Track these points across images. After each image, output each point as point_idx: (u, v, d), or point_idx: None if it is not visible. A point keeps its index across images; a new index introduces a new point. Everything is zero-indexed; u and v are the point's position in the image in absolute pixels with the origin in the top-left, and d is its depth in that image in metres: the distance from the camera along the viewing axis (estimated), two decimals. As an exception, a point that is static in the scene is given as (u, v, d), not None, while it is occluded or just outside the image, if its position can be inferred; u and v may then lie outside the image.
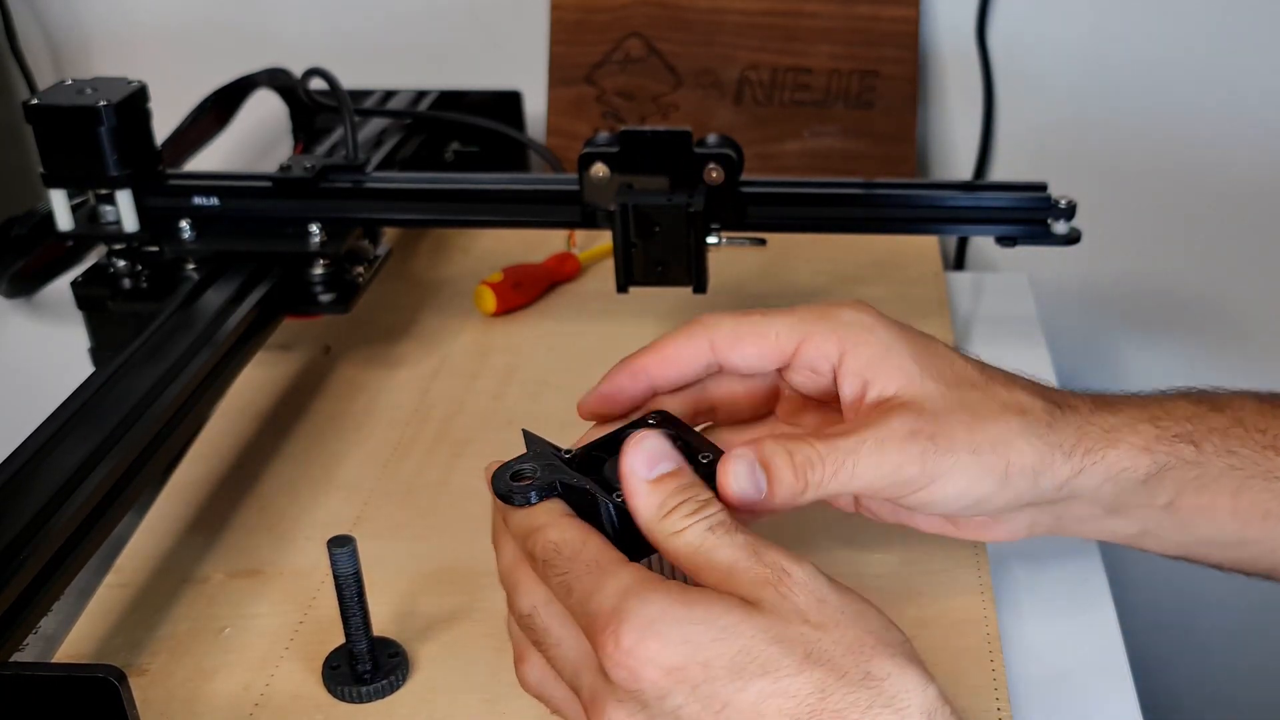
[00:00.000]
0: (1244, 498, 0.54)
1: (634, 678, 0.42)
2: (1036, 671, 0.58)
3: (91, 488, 0.57)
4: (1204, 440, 0.54)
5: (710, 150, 0.73)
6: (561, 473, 0.48)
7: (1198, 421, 0.54)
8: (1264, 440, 0.54)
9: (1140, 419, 0.54)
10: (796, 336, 0.52)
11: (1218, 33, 0.95)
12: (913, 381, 0.51)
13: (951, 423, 0.50)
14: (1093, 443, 0.52)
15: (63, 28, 1.09)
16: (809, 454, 0.48)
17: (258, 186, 0.78)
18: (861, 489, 0.50)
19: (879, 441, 0.49)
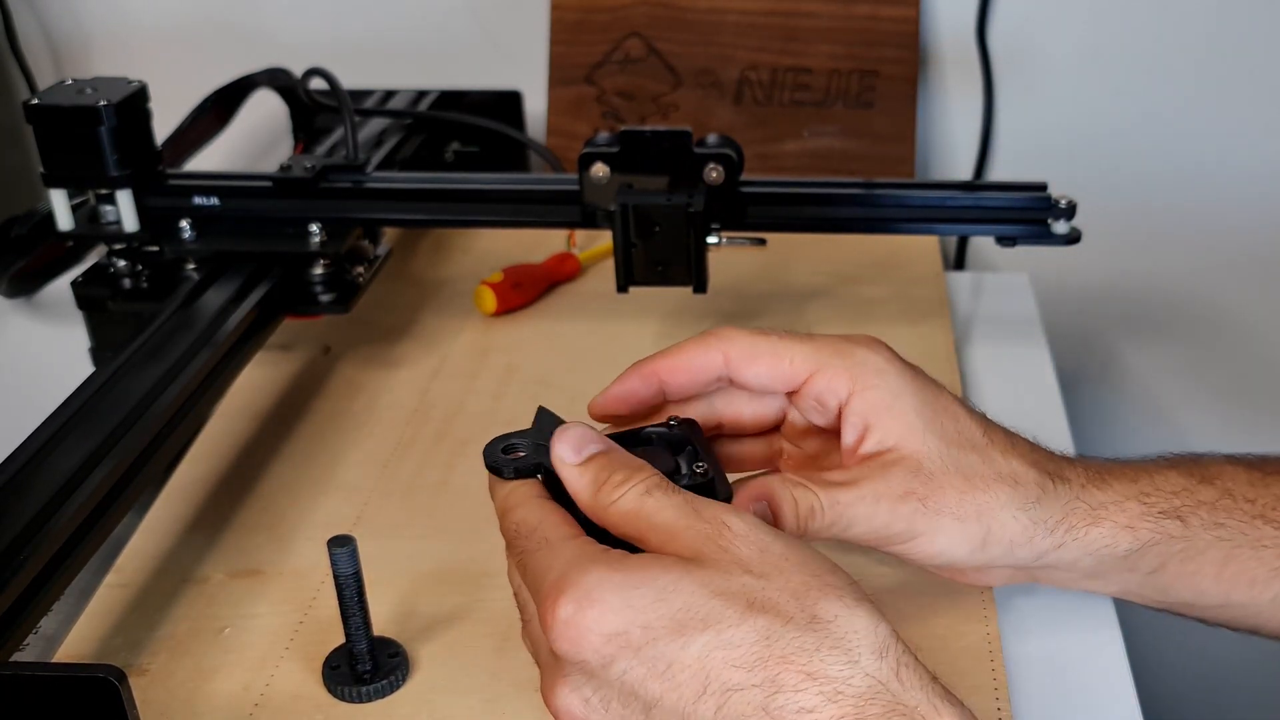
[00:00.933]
0: (1230, 567, 0.55)
1: (576, 648, 0.42)
2: (1036, 671, 0.58)
3: (91, 488, 0.57)
4: (1191, 515, 0.54)
5: (710, 150, 0.73)
6: (548, 455, 0.48)
7: (1186, 496, 0.55)
8: (1252, 510, 0.55)
9: (1129, 496, 0.54)
10: (810, 366, 0.53)
11: (1218, 33, 0.95)
12: (914, 435, 0.52)
13: (944, 485, 0.51)
14: (1077, 520, 0.53)
15: (63, 28, 1.09)
16: (812, 503, 0.50)
17: (258, 186, 0.78)
18: (850, 537, 0.51)
19: (875, 497, 0.50)
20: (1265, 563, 0.55)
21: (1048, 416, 0.76)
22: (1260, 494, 0.55)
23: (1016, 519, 0.52)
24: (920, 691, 0.41)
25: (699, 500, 0.45)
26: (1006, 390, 0.78)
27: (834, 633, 0.42)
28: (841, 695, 0.41)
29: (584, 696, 0.43)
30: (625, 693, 0.43)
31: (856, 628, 0.42)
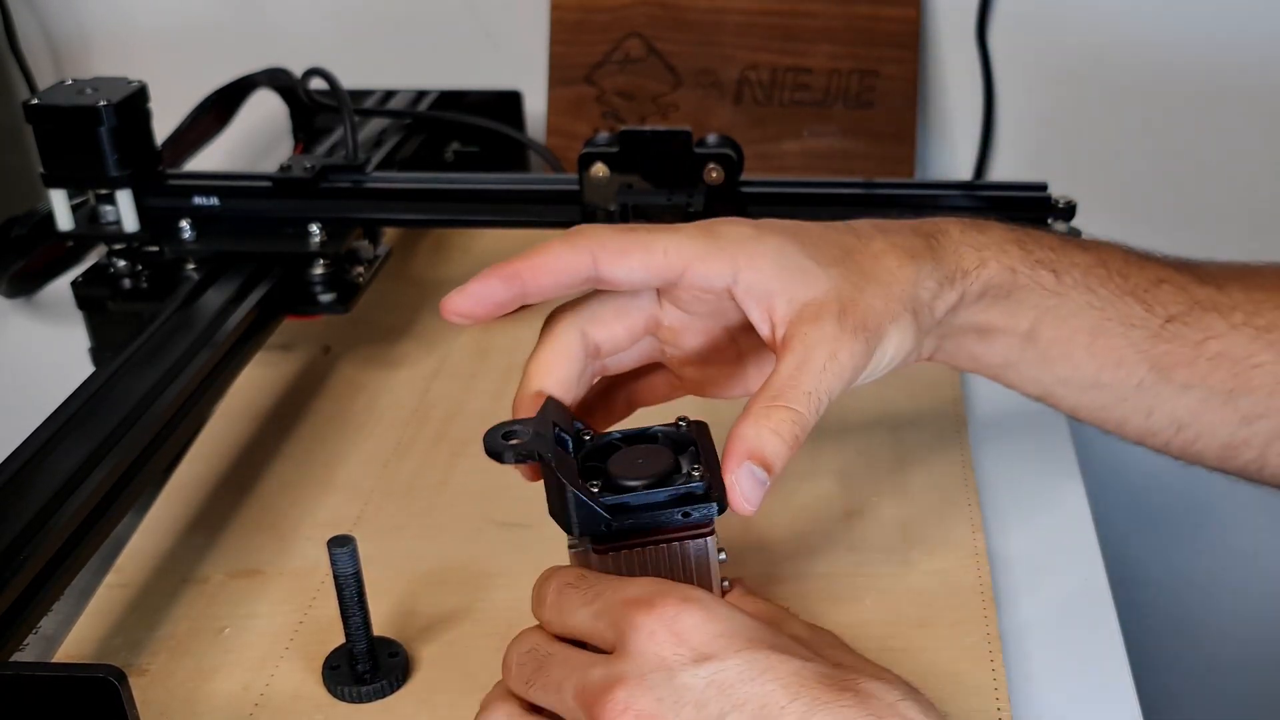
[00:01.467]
0: (1100, 340, 0.56)
1: (670, 645, 0.42)
2: (1036, 671, 0.58)
3: (91, 488, 0.57)
4: (1065, 272, 0.55)
5: (710, 150, 0.73)
6: (546, 446, 0.48)
7: (1061, 253, 0.56)
8: (1125, 286, 0.56)
9: (1007, 240, 0.55)
10: (685, 256, 0.51)
11: (1219, 33, 0.95)
12: (816, 278, 0.51)
13: (868, 299, 0.51)
14: (968, 263, 0.54)
15: (63, 28, 1.09)
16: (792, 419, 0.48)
17: (258, 186, 0.78)
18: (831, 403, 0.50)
19: (831, 355, 0.49)
20: (1134, 344, 0.56)
21: (1047, 416, 0.76)
22: (1134, 272, 0.56)
23: (926, 286, 0.53)
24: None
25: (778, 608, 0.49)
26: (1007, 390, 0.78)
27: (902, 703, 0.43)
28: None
29: (659, 696, 0.42)
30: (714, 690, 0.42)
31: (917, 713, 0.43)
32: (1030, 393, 0.59)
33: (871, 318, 0.51)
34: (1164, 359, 0.56)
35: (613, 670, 0.43)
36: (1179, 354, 0.56)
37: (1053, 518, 0.68)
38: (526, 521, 0.65)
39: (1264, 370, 0.56)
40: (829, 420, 0.74)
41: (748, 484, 0.47)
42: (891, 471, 0.69)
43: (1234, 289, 0.57)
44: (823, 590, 0.61)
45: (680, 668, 0.42)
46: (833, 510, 0.67)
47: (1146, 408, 0.57)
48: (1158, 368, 0.56)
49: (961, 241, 0.55)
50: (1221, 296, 0.57)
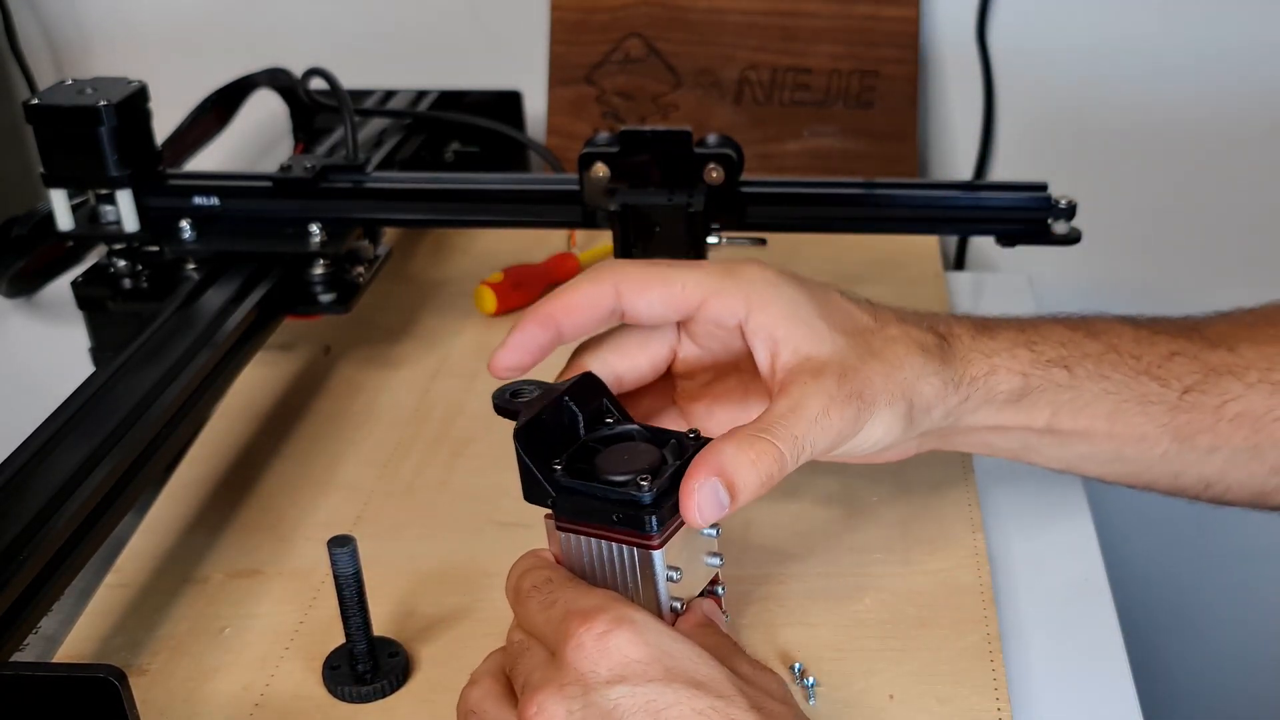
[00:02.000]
0: (1119, 421, 0.56)
1: (591, 660, 0.44)
2: (1036, 671, 0.58)
3: (91, 488, 0.57)
4: (1077, 365, 0.56)
5: (710, 150, 0.73)
6: (549, 411, 0.50)
7: (1072, 347, 0.56)
8: (1138, 366, 0.57)
9: (1017, 344, 0.56)
10: (703, 291, 0.53)
11: (1220, 33, 0.95)
12: (824, 339, 0.52)
13: (869, 373, 0.52)
14: (976, 370, 0.55)
15: (63, 28, 1.09)
16: (774, 455, 0.49)
17: (258, 186, 0.78)
18: (808, 460, 0.51)
19: (824, 411, 0.50)
20: (1152, 418, 0.56)
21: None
22: (1145, 351, 0.57)
23: (930, 384, 0.54)
24: None
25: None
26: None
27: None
28: None
29: (570, 709, 0.44)
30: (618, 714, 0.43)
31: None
32: (1053, 469, 0.60)
33: (868, 390, 0.51)
34: (1185, 428, 0.57)
35: (545, 674, 0.45)
36: (1200, 421, 0.57)
37: (1053, 518, 0.68)
38: (526, 521, 0.65)
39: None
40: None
41: (707, 499, 0.47)
42: (891, 471, 0.69)
43: (1245, 348, 0.57)
44: (823, 590, 0.61)
45: (595, 685, 0.44)
46: (833, 510, 0.66)
47: (1173, 473, 0.59)
48: (1179, 437, 0.57)
49: (972, 348, 0.55)
50: (1234, 358, 0.57)
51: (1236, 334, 0.58)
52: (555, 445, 0.50)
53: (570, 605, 0.47)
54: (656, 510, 0.47)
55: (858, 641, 0.58)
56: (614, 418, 0.52)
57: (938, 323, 0.56)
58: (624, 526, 0.48)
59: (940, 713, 0.54)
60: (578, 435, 0.51)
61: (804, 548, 0.64)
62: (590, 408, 0.51)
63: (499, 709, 0.48)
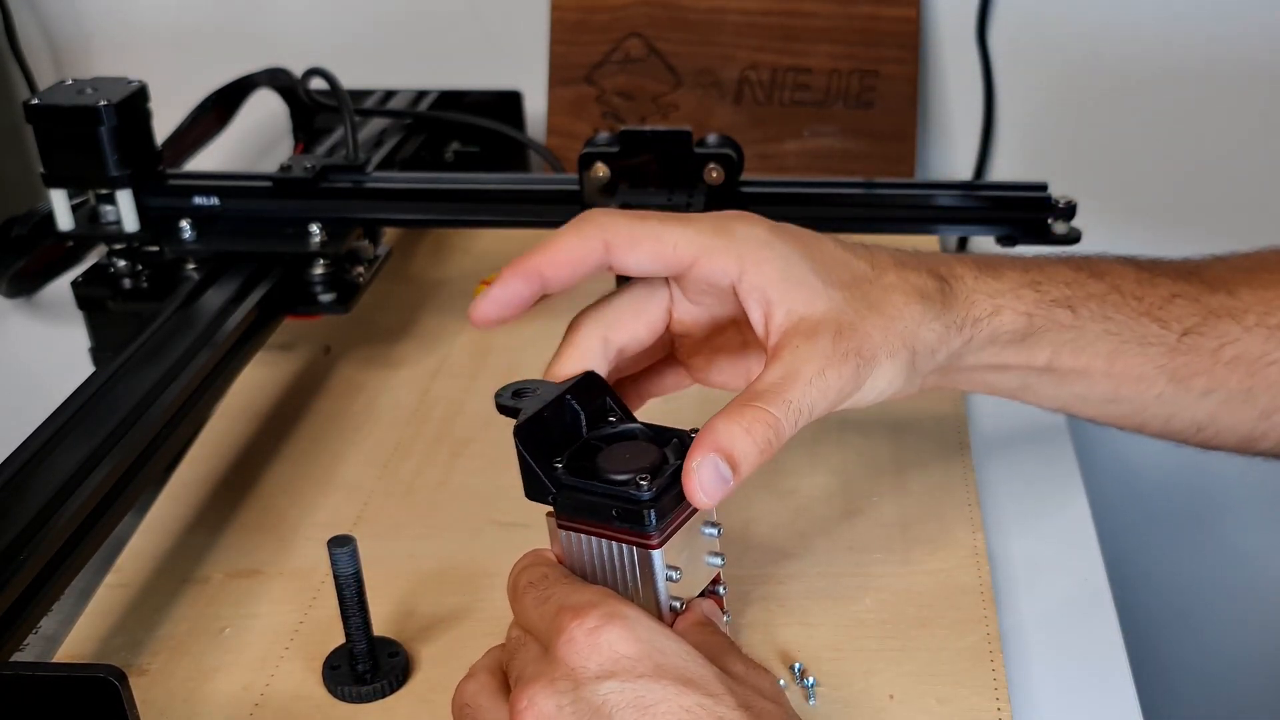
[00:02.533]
0: (1118, 361, 0.57)
1: (582, 655, 0.44)
2: (1036, 671, 0.58)
3: (91, 488, 0.57)
4: (1081, 305, 0.56)
5: (710, 150, 0.73)
6: (550, 409, 0.50)
7: (1076, 287, 0.56)
8: (1139, 308, 0.57)
9: (1022, 284, 0.56)
10: (694, 250, 0.52)
11: (1220, 33, 0.95)
12: (818, 296, 0.51)
13: (868, 330, 0.51)
14: (980, 310, 0.55)
15: (63, 28, 1.09)
16: (769, 422, 0.48)
17: (258, 186, 0.78)
18: (810, 420, 0.50)
19: (819, 373, 0.50)
20: (1151, 359, 0.57)
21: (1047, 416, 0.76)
22: (1148, 292, 0.57)
23: (932, 329, 0.53)
24: None
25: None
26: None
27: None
28: None
29: (559, 704, 0.44)
30: (600, 714, 0.43)
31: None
32: (1046, 408, 0.60)
33: (867, 346, 0.51)
34: (1181, 370, 0.57)
35: (536, 668, 0.45)
36: (1196, 364, 0.57)
37: (1053, 518, 0.68)
38: (526, 521, 0.65)
39: (1278, 367, 0.57)
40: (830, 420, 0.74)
41: (709, 476, 0.47)
42: (891, 471, 0.69)
43: (1244, 292, 0.58)
44: (823, 590, 0.61)
45: (585, 680, 0.44)
46: (833, 510, 0.67)
47: (1165, 415, 0.59)
48: (1175, 379, 0.57)
49: (975, 288, 0.55)
50: (1234, 301, 0.57)
51: (1235, 278, 0.59)
52: (557, 443, 0.50)
53: (563, 601, 0.47)
54: (655, 507, 0.47)
55: (858, 641, 0.58)
56: (616, 416, 0.52)
57: (938, 264, 0.56)
58: (624, 525, 0.48)
59: (940, 713, 0.54)
60: (580, 433, 0.51)
61: (804, 548, 0.64)
62: (593, 406, 0.51)
63: (493, 703, 0.48)
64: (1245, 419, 0.58)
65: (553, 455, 0.50)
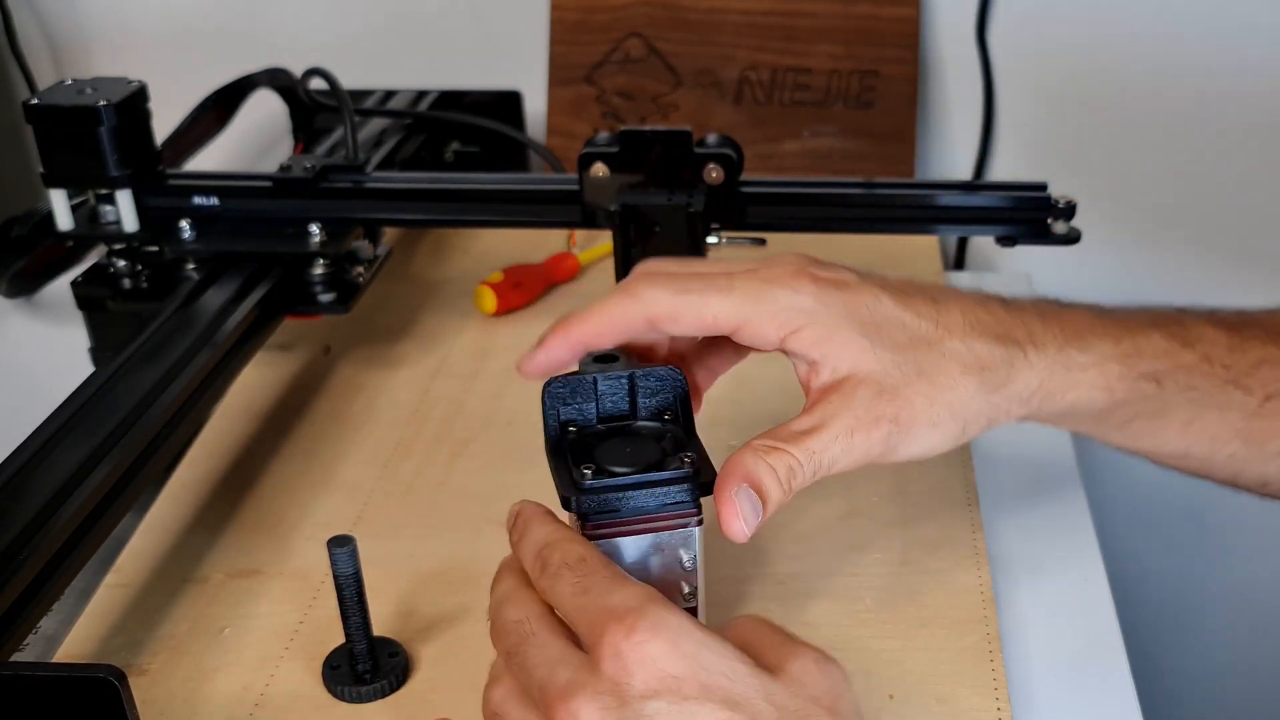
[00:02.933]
0: (1195, 425, 0.56)
1: (628, 670, 0.42)
2: (1036, 671, 0.58)
3: (91, 488, 0.57)
4: (1168, 378, 0.55)
5: (710, 150, 0.73)
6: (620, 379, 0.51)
7: (1167, 360, 0.55)
8: (1226, 376, 0.56)
9: (1110, 357, 0.54)
10: (735, 321, 0.52)
11: (1218, 33, 0.95)
12: (865, 356, 0.51)
13: (911, 396, 0.51)
14: (1055, 385, 0.53)
15: (63, 28, 1.09)
16: (790, 464, 0.49)
17: (258, 186, 0.78)
18: (826, 474, 0.50)
19: (848, 433, 0.50)
20: (1229, 424, 0.56)
21: (1048, 416, 0.76)
22: (1236, 360, 0.56)
23: (989, 402, 0.52)
24: None
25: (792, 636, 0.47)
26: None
27: None
28: None
29: (602, 718, 0.42)
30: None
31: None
32: (1111, 447, 0.59)
33: (905, 413, 0.50)
34: (1258, 434, 0.57)
35: (575, 678, 0.43)
36: (1273, 428, 0.57)
37: (1053, 518, 0.68)
38: (526, 521, 0.65)
39: None
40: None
41: (745, 505, 0.48)
42: (891, 471, 0.69)
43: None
44: (823, 590, 0.61)
45: (631, 699, 0.42)
46: (833, 510, 0.66)
47: (1234, 471, 0.58)
48: (1251, 441, 0.57)
49: (1056, 361, 0.53)
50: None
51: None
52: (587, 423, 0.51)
53: (605, 600, 0.44)
54: (702, 483, 0.48)
55: (858, 641, 0.58)
56: (675, 420, 0.51)
57: (1015, 326, 0.53)
58: (669, 508, 0.48)
59: (940, 713, 0.54)
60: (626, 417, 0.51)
61: (804, 548, 0.64)
62: (652, 403, 0.51)
63: (523, 712, 0.46)
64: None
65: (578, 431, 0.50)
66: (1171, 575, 1.12)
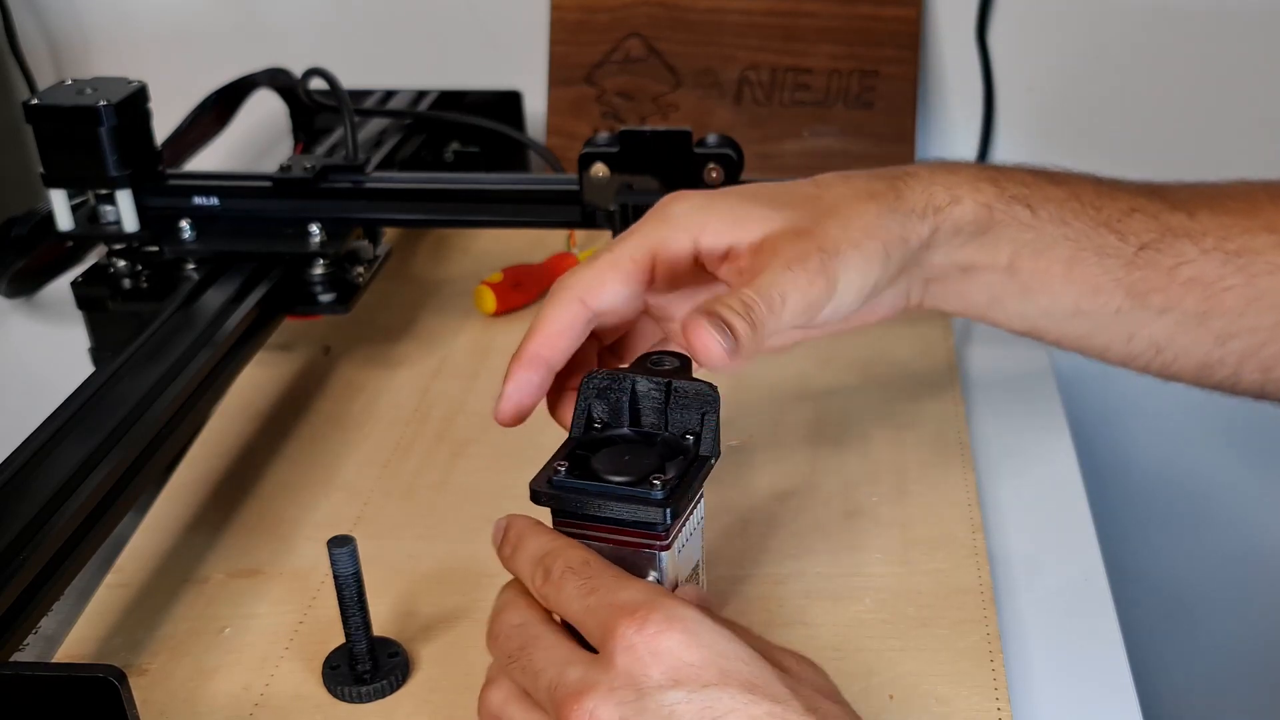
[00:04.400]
0: (1077, 269, 0.57)
1: (643, 663, 0.42)
2: (1036, 671, 0.58)
3: (91, 488, 0.57)
4: (1040, 206, 0.57)
5: (710, 150, 0.73)
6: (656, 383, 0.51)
7: (1035, 188, 0.57)
8: (1098, 217, 0.57)
9: (980, 178, 0.57)
10: (647, 250, 0.54)
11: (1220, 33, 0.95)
12: (771, 218, 0.53)
13: (826, 229, 0.53)
14: (940, 201, 0.56)
15: (63, 28, 1.09)
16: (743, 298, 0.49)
17: (258, 186, 0.78)
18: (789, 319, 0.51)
19: (785, 266, 0.51)
20: (1108, 271, 0.57)
21: (1047, 417, 0.76)
22: (1107, 204, 0.58)
23: (893, 218, 0.54)
24: None
25: None
26: (1006, 391, 0.78)
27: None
28: None
29: (623, 715, 0.42)
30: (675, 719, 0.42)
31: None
32: (1016, 328, 0.61)
33: (827, 241, 0.52)
34: (1139, 285, 0.58)
35: (588, 676, 0.43)
36: (1153, 280, 0.58)
37: (1053, 518, 0.68)
38: (526, 521, 0.65)
39: (1234, 293, 0.57)
40: (829, 420, 0.75)
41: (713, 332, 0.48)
42: (891, 471, 0.69)
43: (1204, 215, 0.58)
44: (823, 590, 0.61)
45: (650, 690, 0.42)
46: (833, 510, 0.67)
47: (1126, 333, 0.59)
48: (1133, 294, 0.58)
49: (932, 181, 0.56)
50: (1192, 223, 0.58)
51: (1197, 200, 0.59)
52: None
53: (613, 598, 0.44)
54: (671, 507, 0.47)
55: (858, 641, 0.58)
56: (699, 441, 0.51)
57: (888, 171, 0.57)
58: (633, 526, 0.48)
59: (940, 713, 0.54)
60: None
61: (804, 548, 0.64)
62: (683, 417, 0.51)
63: (526, 713, 0.46)
64: (1202, 342, 0.59)
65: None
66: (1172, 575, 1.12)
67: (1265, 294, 0.57)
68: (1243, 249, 0.57)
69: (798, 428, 0.73)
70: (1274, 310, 0.57)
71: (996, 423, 0.75)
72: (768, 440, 0.72)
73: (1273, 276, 0.57)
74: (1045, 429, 0.74)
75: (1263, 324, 0.58)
